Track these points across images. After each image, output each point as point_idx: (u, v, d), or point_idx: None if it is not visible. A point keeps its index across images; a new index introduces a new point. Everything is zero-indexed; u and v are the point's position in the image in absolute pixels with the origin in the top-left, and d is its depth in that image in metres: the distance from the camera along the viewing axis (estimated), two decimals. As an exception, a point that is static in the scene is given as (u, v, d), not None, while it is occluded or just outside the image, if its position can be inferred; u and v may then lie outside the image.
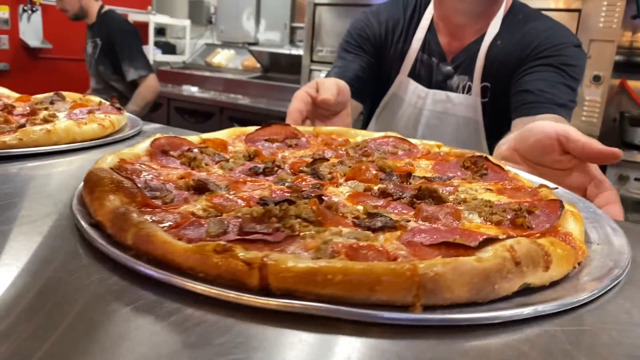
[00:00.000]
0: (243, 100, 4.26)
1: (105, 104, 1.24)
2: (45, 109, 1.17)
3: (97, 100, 1.31)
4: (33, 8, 5.23)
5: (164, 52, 5.75)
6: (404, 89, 1.59)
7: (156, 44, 5.67)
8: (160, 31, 6.05)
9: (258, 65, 5.06)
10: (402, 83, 1.59)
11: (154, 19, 5.61)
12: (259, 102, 4.15)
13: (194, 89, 4.63)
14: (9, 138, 0.91)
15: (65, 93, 1.36)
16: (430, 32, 1.55)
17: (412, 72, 1.57)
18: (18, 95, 1.36)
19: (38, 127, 0.96)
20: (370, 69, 1.59)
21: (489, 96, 1.47)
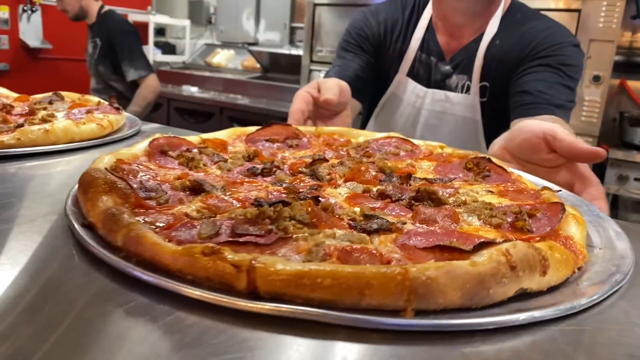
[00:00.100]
0: (243, 100, 4.26)
1: (103, 104, 1.24)
2: (43, 109, 1.17)
3: (96, 100, 1.31)
4: (33, 8, 5.23)
5: (164, 52, 5.75)
6: (403, 89, 1.59)
7: (156, 44, 5.67)
8: (160, 31, 6.05)
9: (258, 65, 5.06)
10: (401, 82, 1.59)
11: (154, 19, 5.61)
12: (259, 102, 4.15)
13: (194, 89, 4.63)
14: (7, 138, 0.91)
15: (64, 93, 1.36)
16: (428, 32, 1.54)
17: (411, 72, 1.57)
18: (17, 95, 1.36)
19: (36, 127, 0.95)
20: (369, 68, 1.59)
21: (488, 96, 1.47)
